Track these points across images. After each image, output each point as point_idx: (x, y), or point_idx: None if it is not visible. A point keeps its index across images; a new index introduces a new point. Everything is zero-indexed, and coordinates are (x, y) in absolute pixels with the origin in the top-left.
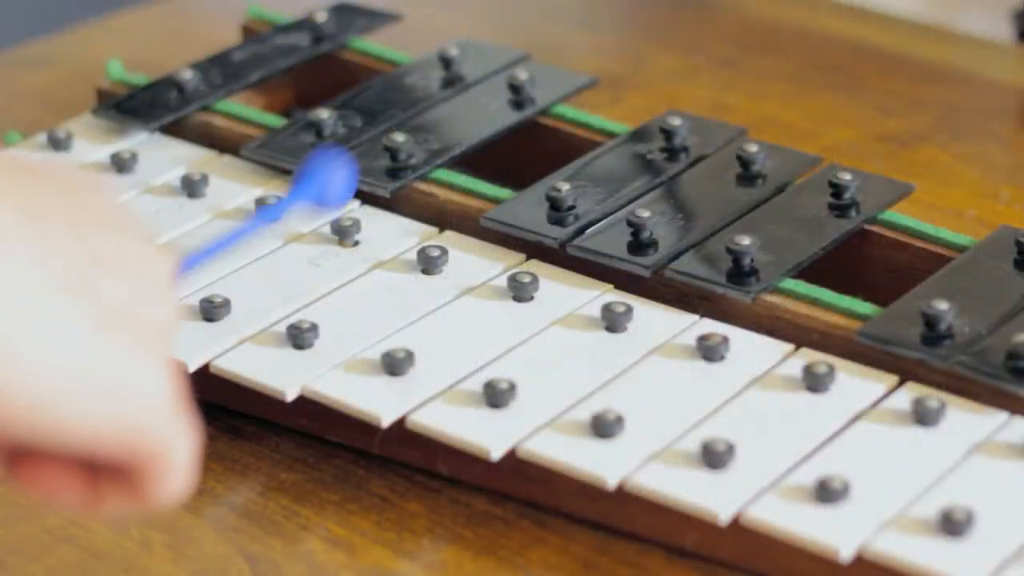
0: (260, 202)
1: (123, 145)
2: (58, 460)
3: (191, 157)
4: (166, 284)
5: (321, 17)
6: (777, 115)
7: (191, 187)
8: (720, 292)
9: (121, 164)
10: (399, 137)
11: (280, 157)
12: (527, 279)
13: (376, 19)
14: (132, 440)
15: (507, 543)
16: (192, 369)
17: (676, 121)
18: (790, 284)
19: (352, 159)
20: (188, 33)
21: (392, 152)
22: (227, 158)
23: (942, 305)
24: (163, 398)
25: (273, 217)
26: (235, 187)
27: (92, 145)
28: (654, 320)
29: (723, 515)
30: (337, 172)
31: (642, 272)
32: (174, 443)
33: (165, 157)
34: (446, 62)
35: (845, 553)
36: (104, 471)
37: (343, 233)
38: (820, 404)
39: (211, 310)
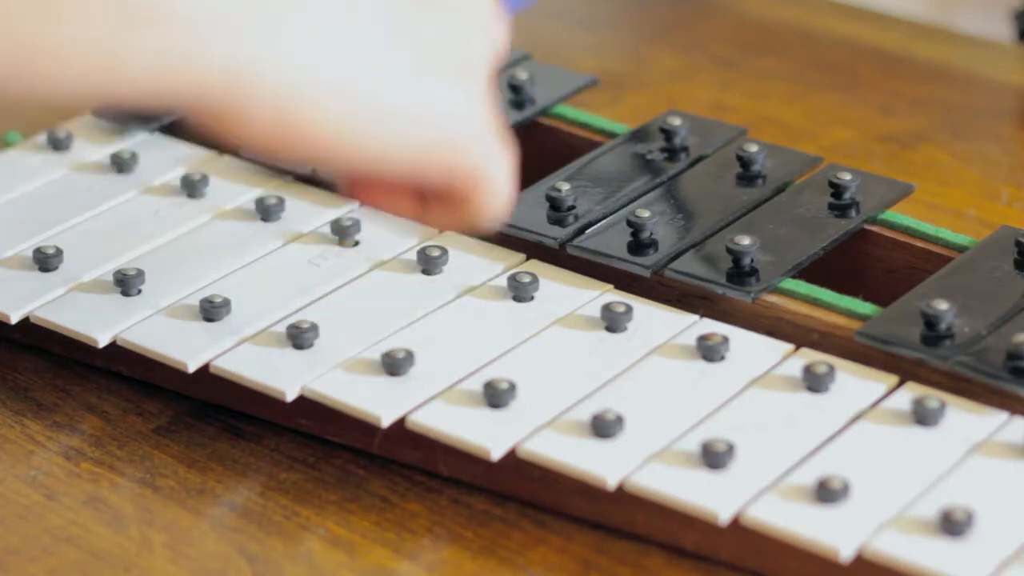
0: None
1: (123, 145)
2: (391, 182)
3: (191, 157)
4: (487, 19)
5: None
6: (777, 115)
7: (191, 187)
8: (720, 292)
9: (121, 164)
10: None
11: None
12: (527, 279)
13: None
14: (450, 164)
15: (507, 543)
16: (192, 369)
17: (676, 121)
18: (790, 284)
19: None
20: None
21: None
22: (227, 158)
23: (942, 305)
24: (478, 124)
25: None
26: (235, 187)
27: (92, 145)
28: (654, 320)
29: (723, 515)
30: None
31: (642, 272)
32: (490, 165)
33: (165, 157)
34: None
35: (845, 553)
36: (432, 190)
37: (343, 233)
38: (820, 404)
39: (211, 310)
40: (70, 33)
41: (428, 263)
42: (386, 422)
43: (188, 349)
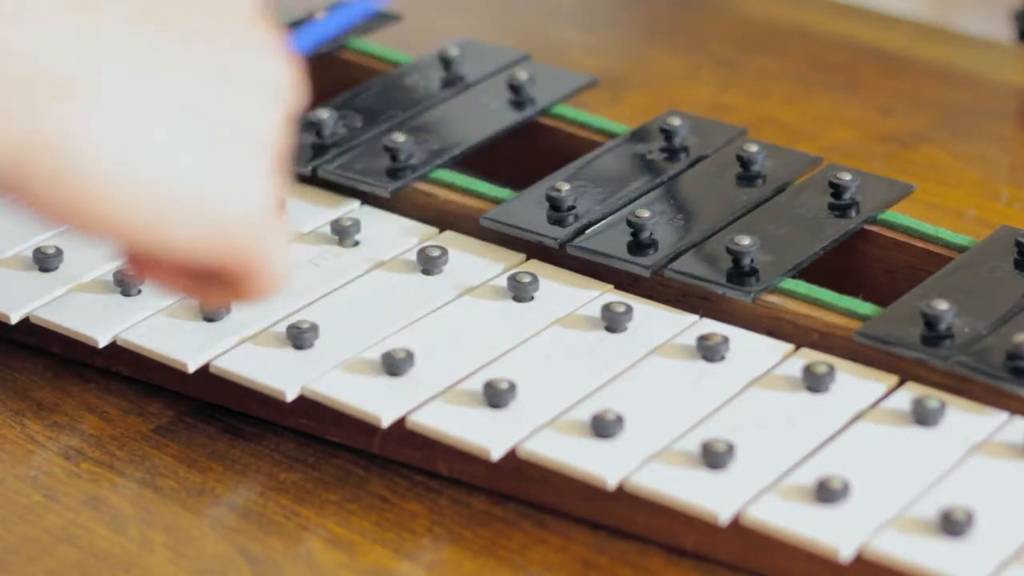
0: None
1: None
2: (169, 261)
3: None
4: (280, 95)
5: (321, 17)
6: (777, 115)
7: None
8: (720, 292)
9: None
10: (399, 137)
11: None
12: (527, 279)
13: (376, 19)
14: (228, 248)
15: (507, 543)
16: (192, 369)
17: (676, 121)
18: (790, 284)
19: None
20: None
21: (392, 152)
22: None
23: (942, 305)
24: (259, 213)
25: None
26: None
27: None
28: (654, 320)
29: (723, 515)
30: None
31: (642, 272)
32: (266, 247)
33: None
34: (446, 62)
35: (845, 553)
36: (208, 270)
37: (343, 233)
38: (820, 404)
39: (211, 310)
40: None
41: (428, 263)
42: (386, 422)
43: (188, 349)
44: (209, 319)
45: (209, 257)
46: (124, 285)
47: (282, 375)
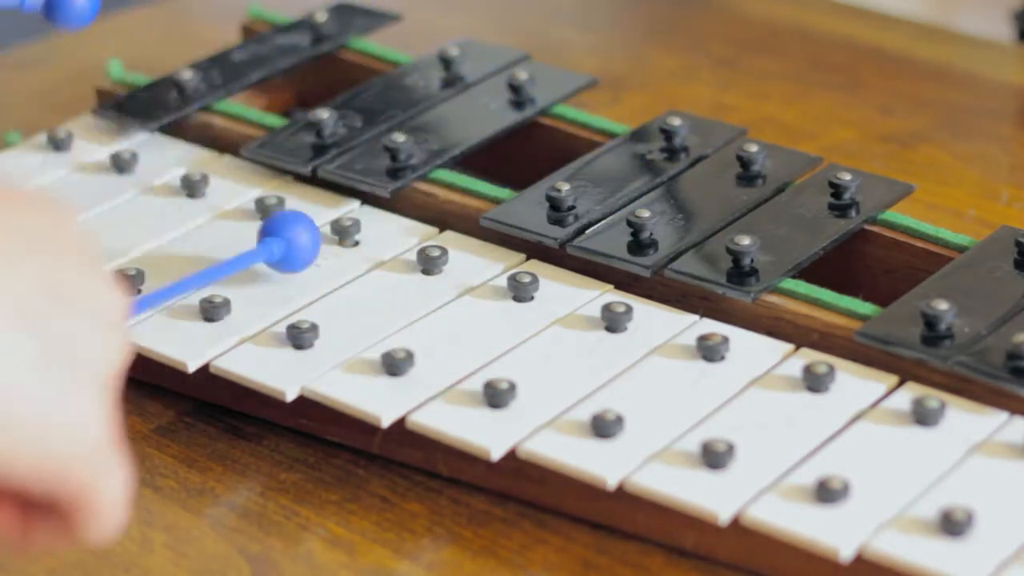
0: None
1: (123, 145)
2: None
3: (191, 157)
4: (116, 322)
5: (321, 17)
6: (777, 115)
7: (191, 187)
8: (720, 292)
9: (121, 164)
10: (399, 137)
11: (280, 157)
12: (527, 279)
13: (376, 19)
14: (58, 478)
15: (507, 543)
16: (192, 369)
17: (676, 121)
18: (790, 284)
19: (313, 225)
20: (188, 33)
21: (392, 152)
22: (227, 158)
23: (942, 305)
24: (92, 439)
25: (232, 269)
26: (235, 187)
27: (92, 145)
28: (654, 320)
29: (723, 515)
30: (302, 236)
31: (642, 272)
32: (101, 484)
33: (165, 157)
34: (446, 62)
35: (845, 553)
36: (35, 506)
37: (343, 233)
38: (820, 404)
39: (211, 310)
40: None
41: (428, 263)
42: (386, 422)
43: (188, 349)
44: (209, 319)
45: (35, 483)
46: (124, 285)
47: (282, 375)
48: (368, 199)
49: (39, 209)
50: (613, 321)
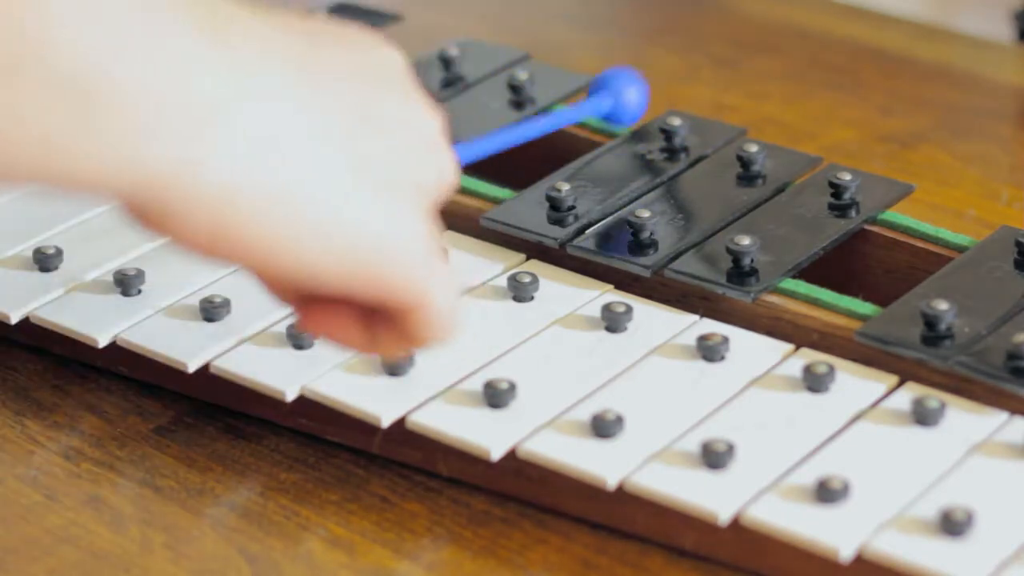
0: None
1: None
2: (336, 306)
3: None
4: (432, 145)
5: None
6: (777, 115)
7: None
8: (720, 292)
9: None
10: None
11: None
12: (527, 279)
13: (376, 19)
14: (388, 283)
15: (507, 543)
16: (192, 369)
17: (676, 121)
18: (790, 284)
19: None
20: None
21: None
22: None
23: (942, 305)
24: (415, 250)
25: (562, 122)
26: None
27: None
28: (654, 320)
29: (723, 515)
30: (630, 88)
31: (642, 272)
32: (430, 290)
33: None
34: (446, 62)
35: (845, 553)
36: (378, 315)
37: None
38: (820, 404)
39: (211, 310)
40: (22, 124)
41: None
42: (386, 422)
43: (188, 349)
44: (209, 319)
45: (372, 290)
46: (124, 285)
47: (282, 375)
48: None
49: (361, 44)
50: (613, 321)
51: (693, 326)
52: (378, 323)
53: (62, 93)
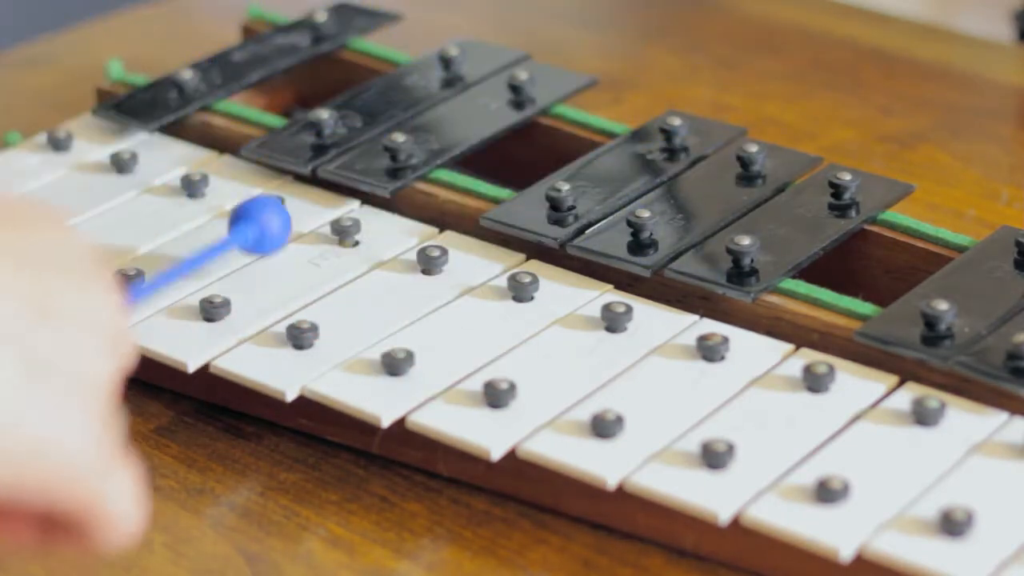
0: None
1: (123, 145)
2: (6, 513)
3: (191, 157)
4: (111, 331)
5: (321, 17)
6: (777, 115)
7: (191, 187)
8: (720, 292)
9: (121, 164)
10: (399, 137)
11: (280, 157)
12: (527, 279)
13: (376, 19)
14: (59, 494)
15: (507, 543)
16: (192, 369)
17: (676, 121)
18: (790, 284)
19: (284, 208)
20: (188, 33)
21: (392, 152)
22: (227, 158)
23: (942, 305)
24: (90, 455)
25: (212, 256)
26: (235, 187)
27: (92, 145)
28: (654, 320)
29: (723, 515)
30: (273, 218)
31: (642, 272)
32: (105, 493)
33: (165, 157)
34: (446, 62)
35: (845, 553)
36: (51, 520)
37: (343, 233)
38: (820, 404)
39: (211, 310)
40: None
41: (428, 263)
42: (386, 422)
43: (188, 349)
44: (209, 319)
45: (32, 501)
46: (124, 285)
47: (282, 375)
48: (368, 199)
49: (28, 221)
50: (613, 321)
51: (693, 326)
52: (52, 527)
53: None
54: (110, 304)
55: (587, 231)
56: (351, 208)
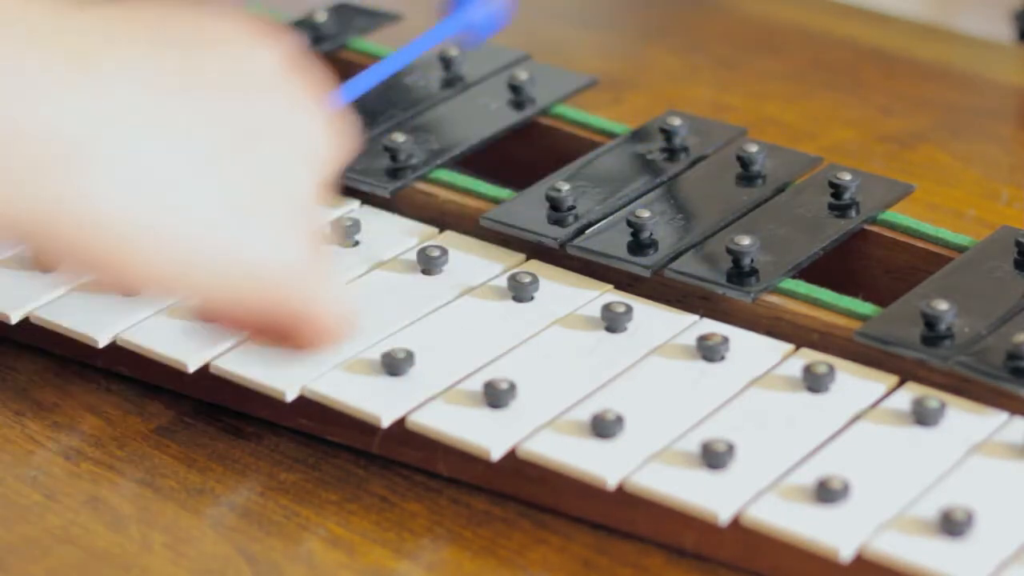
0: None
1: None
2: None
3: None
4: (316, 150)
5: (321, 17)
6: (777, 115)
7: None
8: (720, 292)
9: None
10: (399, 137)
11: None
12: (527, 279)
13: (376, 19)
14: (268, 303)
15: (507, 543)
16: (192, 369)
17: (676, 121)
18: (790, 284)
19: None
20: None
21: (392, 152)
22: None
23: (942, 305)
24: (299, 270)
25: (430, 43)
26: None
27: None
28: (654, 320)
29: (723, 515)
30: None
31: (642, 272)
32: (309, 303)
33: None
34: (446, 62)
35: (845, 553)
36: (264, 322)
37: (343, 233)
38: (820, 404)
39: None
40: None
41: (428, 263)
42: (386, 422)
43: (188, 349)
44: None
45: (253, 310)
46: None
47: (282, 375)
48: (368, 199)
49: (234, 46)
50: (613, 321)
51: (693, 326)
52: (271, 328)
53: None
54: (315, 120)
55: (587, 231)
56: (351, 208)
